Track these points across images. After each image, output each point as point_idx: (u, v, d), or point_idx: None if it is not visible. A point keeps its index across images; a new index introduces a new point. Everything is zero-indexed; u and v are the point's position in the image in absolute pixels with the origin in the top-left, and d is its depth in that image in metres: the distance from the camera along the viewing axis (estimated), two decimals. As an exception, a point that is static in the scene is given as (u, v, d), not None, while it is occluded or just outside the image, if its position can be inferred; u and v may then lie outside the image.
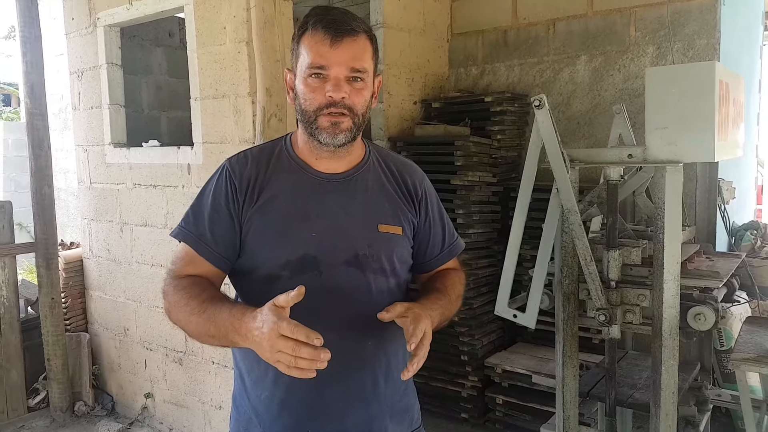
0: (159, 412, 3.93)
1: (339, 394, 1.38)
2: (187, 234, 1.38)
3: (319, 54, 1.30)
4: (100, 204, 4.11)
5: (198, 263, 1.37)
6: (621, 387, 2.42)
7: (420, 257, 1.55)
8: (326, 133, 1.33)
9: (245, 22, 2.90)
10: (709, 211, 2.78)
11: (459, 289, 1.62)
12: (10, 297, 3.94)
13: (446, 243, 1.60)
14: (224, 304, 1.26)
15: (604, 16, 3.74)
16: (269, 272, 1.35)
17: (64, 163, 5.97)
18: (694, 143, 1.93)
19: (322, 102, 1.31)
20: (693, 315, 2.04)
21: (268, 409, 1.40)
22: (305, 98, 1.33)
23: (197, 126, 3.35)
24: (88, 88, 4.07)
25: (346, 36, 1.30)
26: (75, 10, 4.10)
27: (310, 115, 1.33)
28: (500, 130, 3.80)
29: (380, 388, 1.44)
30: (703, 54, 3.40)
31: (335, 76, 1.30)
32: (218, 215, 1.37)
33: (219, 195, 1.38)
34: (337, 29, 1.30)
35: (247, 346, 1.18)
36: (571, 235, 2.15)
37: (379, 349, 1.42)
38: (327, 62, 1.30)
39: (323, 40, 1.29)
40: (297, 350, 1.08)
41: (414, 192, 1.51)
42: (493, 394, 3.54)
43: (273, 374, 1.37)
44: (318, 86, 1.31)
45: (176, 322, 1.33)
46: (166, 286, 1.36)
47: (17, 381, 3.99)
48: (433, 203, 1.57)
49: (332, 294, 1.35)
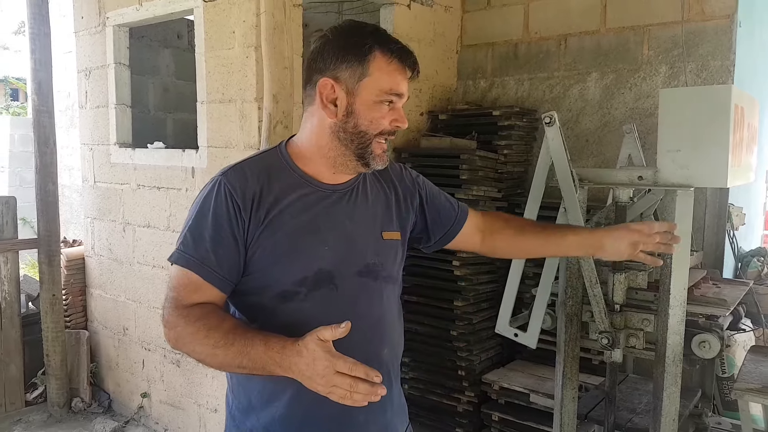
0: (155, 412, 3.91)
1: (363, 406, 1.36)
2: (189, 259, 1.29)
3: (397, 82, 1.32)
4: (104, 203, 4.10)
5: (204, 289, 1.29)
6: (620, 411, 2.39)
7: (443, 226, 1.62)
8: (379, 159, 1.36)
9: (254, 27, 2.89)
10: (717, 236, 2.74)
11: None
12: (11, 292, 3.93)
13: (454, 205, 1.66)
14: (255, 335, 1.20)
15: (617, 34, 3.71)
16: (284, 289, 1.31)
17: (69, 161, 5.97)
18: (707, 168, 1.90)
19: (386, 128, 1.33)
20: (698, 342, 2.02)
21: (287, 426, 1.35)
22: (371, 121, 1.32)
23: (203, 129, 3.34)
24: (95, 87, 4.07)
25: (414, 69, 1.35)
26: (84, 8, 4.09)
27: (368, 138, 1.33)
28: (507, 144, 3.77)
29: (394, 393, 1.47)
30: (717, 76, 3.37)
31: (401, 107, 1.35)
32: (220, 237, 1.28)
33: (220, 215, 1.29)
34: (411, 64, 1.34)
35: (292, 376, 1.15)
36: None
37: (393, 355, 1.46)
38: (403, 92, 1.34)
39: (402, 69, 1.33)
40: (354, 387, 1.10)
41: (408, 185, 1.56)
42: (489, 410, 3.50)
43: (292, 393, 1.32)
44: (387, 112, 1.33)
45: (190, 352, 1.25)
46: (172, 317, 1.26)
47: (16, 375, 3.98)
48: (426, 182, 1.64)
49: (348, 306, 1.35)
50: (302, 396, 1.30)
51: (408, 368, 3.83)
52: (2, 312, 3.89)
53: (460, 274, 3.56)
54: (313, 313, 1.18)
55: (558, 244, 1.69)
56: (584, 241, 1.66)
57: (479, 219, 1.69)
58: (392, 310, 1.45)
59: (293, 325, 1.18)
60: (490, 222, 1.70)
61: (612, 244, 1.61)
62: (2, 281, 3.87)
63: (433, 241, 1.64)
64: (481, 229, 1.68)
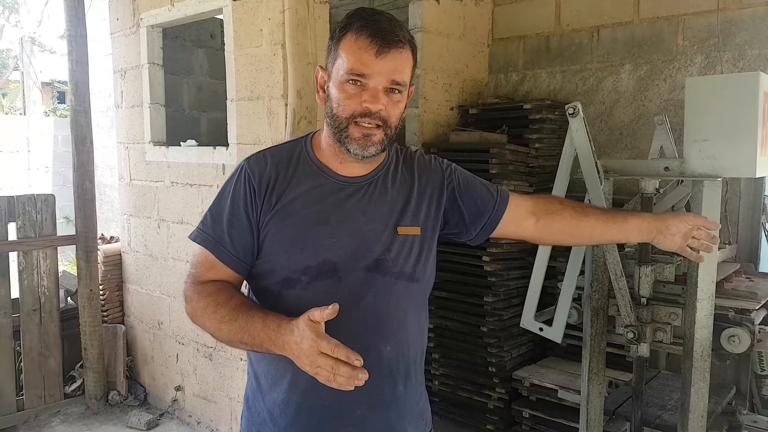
0: (188, 405, 3.98)
1: (357, 400, 1.35)
2: (206, 238, 1.36)
3: (362, 61, 1.26)
4: (139, 200, 4.19)
5: (218, 268, 1.36)
6: (650, 407, 2.34)
7: (481, 216, 1.51)
8: (357, 144, 1.30)
9: (280, 24, 2.92)
10: (752, 229, 2.65)
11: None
12: (50, 287, 4.05)
13: (493, 192, 1.55)
14: (256, 312, 1.26)
15: (650, 24, 3.63)
16: (287, 276, 1.33)
17: (110, 160, 6.12)
18: (735, 157, 1.84)
19: (356, 110, 1.28)
20: (727, 337, 1.96)
21: (284, 412, 1.38)
22: (339, 103, 1.29)
23: (232, 127, 3.39)
24: (131, 87, 4.16)
25: (393, 47, 1.26)
26: (120, 10, 4.20)
27: (341, 122, 1.30)
28: (539, 138, 3.72)
29: (399, 393, 1.42)
30: (755, 64, 3.27)
31: (374, 87, 1.27)
32: (237, 219, 1.35)
33: (237, 198, 1.35)
34: (384, 39, 1.25)
35: (285, 354, 1.19)
36: (602, 248, 2.09)
37: (398, 354, 1.40)
38: (369, 71, 1.26)
39: (368, 47, 1.25)
40: (336, 369, 1.11)
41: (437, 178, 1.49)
42: (520, 407, 3.47)
43: (290, 378, 1.36)
44: (354, 93, 1.28)
45: (203, 326, 1.33)
46: (189, 291, 1.35)
47: (55, 368, 4.10)
48: (459, 172, 1.54)
49: (351, 299, 1.33)
50: (298, 383, 1.34)
51: (438, 364, 3.82)
52: (42, 307, 4.01)
53: (490, 270, 3.53)
54: (312, 302, 1.19)
55: (620, 228, 1.59)
56: (648, 225, 1.58)
57: (529, 202, 1.58)
58: (403, 307, 1.40)
59: (293, 312, 1.20)
60: (544, 204, 1.59)
61: (677, 226, 1.58)
62: (41, 277, 3.99)
63: (474, 232, 1.53)
64: (532, 212, 1.56)
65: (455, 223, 1.52)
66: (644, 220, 1.60)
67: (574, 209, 1.59)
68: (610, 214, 1.61)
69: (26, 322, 3.94)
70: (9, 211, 3.83)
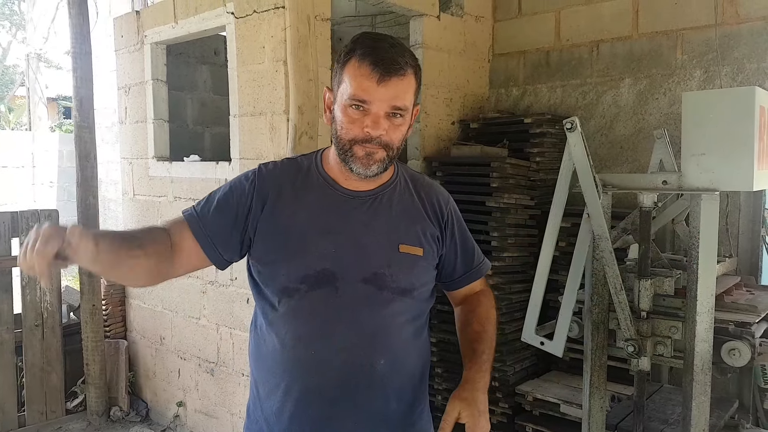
0: (190, 420, 3.97)
1: (348, 411, 1.38)
2: (191, 213, 1.41)
3: (363, 88, 1.29)
4: (143, 216, 4.21)
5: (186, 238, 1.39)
6: (652, 422, 2.32)
7: (447, 276, 1.56)
8: (360, 163, 1.33)
9: (282, 41, 2.95)
10: (752, 242, 2.66)
11: (493, 318, 1.62)
12: (53, 302, 4.07)
13: (474, 262, 1.59)
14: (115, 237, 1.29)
15: (649, 39, 3.65)
16: (286, 285, 1.36)
17: (115, 175, 6.16)
18: (732, 171, 1.86)
19: (358, 135, 1.31)
20: (727, 350, 1.96)
21: (279, 419, 1.41)
22: (342, 127, 1.33)
23: (235, 142, 3.41)
24: (135, 103, 4.20)
25: (394, 75, 1.29)
26: (124, 27, 4.24)
27: (345, 144, 1.34)
28: (539, 152, 3.74)
29: (391, 409, 1.42)
30: (753, 78, 3.29)
31: (376, 112, 1.30)
32: (226, 204, 1.40)
33: (236, 189, 1.42)
34: (385, 68, 1.28)
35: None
36: (602, 262, 2.09)
37: (392, 369, 1.41)
38: (370, 98, 1.29)
39: (370, 75, 1.28)
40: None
41: (440, 213, 1.51)
42: (524, 422, 3.45)
43: (284, 387, 1.38)
44: (357, 118, 1.31)
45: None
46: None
47: (57, 384, 4.10)
48: (459, 224, 1.56)
49: (346, 310, 1.35)
50: (292, 391, 1.37)
51: (441, 379, 3.80)
52: (44, 322, 4.02)
53: (492, 283, 3.53)
54: (309, 311, 1.21)
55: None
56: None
57: (473, 293, 1.63)
58: (400, 323, 1.41)
59: (291, 321, 1.21)
60: (471, 299, 1.63)
61: (451, 404, 1.42)
62: (44, 292, 4.01)
63: (438, 280, 1.56)
64: (465, 299, 1.63)
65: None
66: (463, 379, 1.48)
67: (471, 341, 1.54)
68: (470, 350, 1.53)
69: (28, 338, 3.95)
70: (13, 226, 3.86)
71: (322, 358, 1.35)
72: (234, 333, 3.56)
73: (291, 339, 1.37)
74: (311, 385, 1.36)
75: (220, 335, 3.67)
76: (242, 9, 3.28)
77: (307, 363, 1.36)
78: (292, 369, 1.37)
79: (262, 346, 1.44)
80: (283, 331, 1.37)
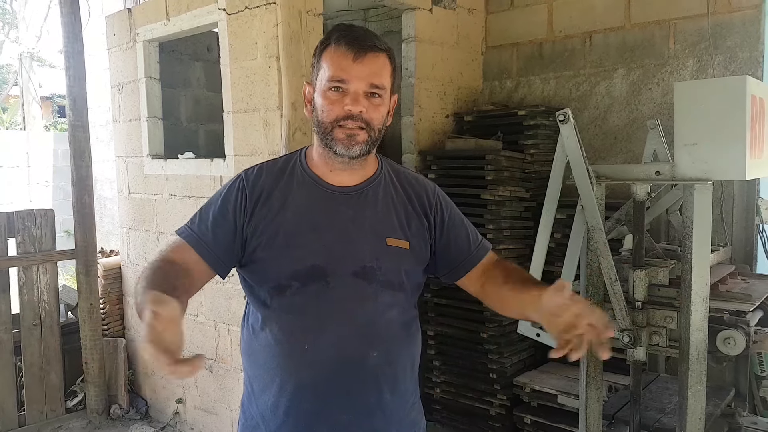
0: (190, 417, 3.98)
1: (342, 404, 1.40)
2: (190, 234, 1.41)
3: (341, 68, 1.33)
4: (138, 214, 4.21)
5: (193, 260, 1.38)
6: (649, 411, 2.34)
7: (452, 260, 1.53)
8: (342, 144, 1.35)
9: (274, 37, 2.94)
10: (746, 231, 2.67)
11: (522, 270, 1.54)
12: (50, 302, 4.06)
13: (473, 241, 1.56)
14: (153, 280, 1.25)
15: (642, 29, 3.65)
16: (278, 282, 1.38)
17: (110, 173, 6.14)
18: (725, 160, 1.86)
19: (339, 114, 1.34)
20: (722, 339, 1.97)
21: (274, 414, 1.42)
22: (323, 110, 1.36)
23: (229, 139, 3.41)
24: (128, 101, 4.19)
25: (368, 52, 1.34)
26: (116, 25, 4.22)
27: (326, 127, 1.36)
28: (534, 144, 3.74)
29: (385, 401, 1.44)
30: (746, 67, 3.29)
31: (354, 91, 1.33)
32: (223, 220, 1.41)
33: (228, 201, 1.42)
34: (360, 45, 1.33)
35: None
36: (596, 253, 2.10)
37: (385, 361, 1.43)
38: (348, 76, 1.32)
39: (346, 54, 1.33)
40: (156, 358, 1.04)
41: (427, 204, 1.51)
42: (522, 413, 3.47)
43: (279, 382, 1.40)
44: (337, 99, 1.34)
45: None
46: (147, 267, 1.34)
47: (56, 383, 4.10)
48: (450, 210, 1.56)
49: (338, 304, 1.37)
50: (286, 387, 1.39)
51: (439, 372, 3.82)
52: (42, 321, 4.02)
53: (487, 276, 3.54)
54: (303, 307, 1.22)
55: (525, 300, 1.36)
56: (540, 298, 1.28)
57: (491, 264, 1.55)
58: (390, 315, 1.42)
59: (283, 317, 1.22)
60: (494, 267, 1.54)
61: (552, 300, 1.22)
62: (41, 291, 4.00)
63: (440, 273, 1.54)
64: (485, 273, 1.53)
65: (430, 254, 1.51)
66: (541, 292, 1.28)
67: (504, 275, 1.48)
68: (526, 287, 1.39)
69: (27, 337, 3.95)
70: (9, 226, 3.85)
71: (315, 353, 1.36)
72: (232, 329, 3.57)
73: (284, 335, 1.38)
74: (305, 379, 1.38)
75: (218, 332, 3.67)
76: (234, 5, 3.27)
77: (301, 358, 1.37)
78: (285, 365, 1.39)
79: (254, 342, 1.45)
80: (276, 327, 1.39)
